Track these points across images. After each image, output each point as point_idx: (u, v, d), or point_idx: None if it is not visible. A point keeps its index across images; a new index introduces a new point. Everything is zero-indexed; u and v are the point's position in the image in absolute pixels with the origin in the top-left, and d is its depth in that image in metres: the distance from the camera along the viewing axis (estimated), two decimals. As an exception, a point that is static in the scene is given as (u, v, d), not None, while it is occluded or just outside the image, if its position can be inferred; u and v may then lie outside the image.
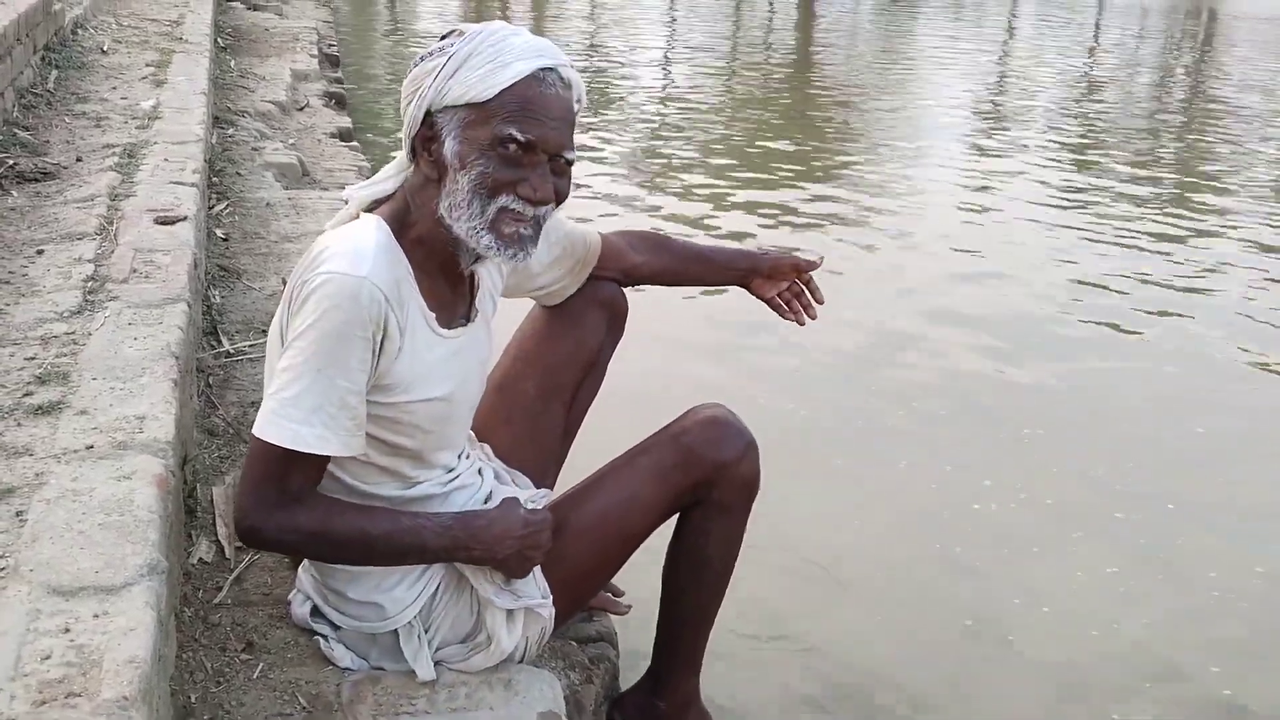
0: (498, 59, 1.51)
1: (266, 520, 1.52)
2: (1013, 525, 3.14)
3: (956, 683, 2.52)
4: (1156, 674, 2.59)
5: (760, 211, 6.09)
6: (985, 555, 2.99)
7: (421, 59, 1.58)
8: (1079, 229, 6.03)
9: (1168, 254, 5.68)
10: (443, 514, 1.66)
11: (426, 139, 1.57)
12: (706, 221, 5.88)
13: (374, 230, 1.56)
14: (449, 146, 1.54)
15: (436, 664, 1.73)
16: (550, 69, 1.54)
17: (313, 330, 1.47)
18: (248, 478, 1.53)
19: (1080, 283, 5.16)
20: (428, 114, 1.56)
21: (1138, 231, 6.05)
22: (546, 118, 1.53)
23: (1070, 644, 2.66)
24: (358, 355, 1.50)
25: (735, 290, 2.17)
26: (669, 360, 4.03)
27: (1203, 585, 2.92)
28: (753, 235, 5.66)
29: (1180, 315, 4.86)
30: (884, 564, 2.94)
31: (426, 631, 1.73)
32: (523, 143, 1.51)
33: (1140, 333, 4.65)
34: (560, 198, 1.59)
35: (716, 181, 6.72)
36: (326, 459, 1.55)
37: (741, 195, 6.44)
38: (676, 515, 1.92)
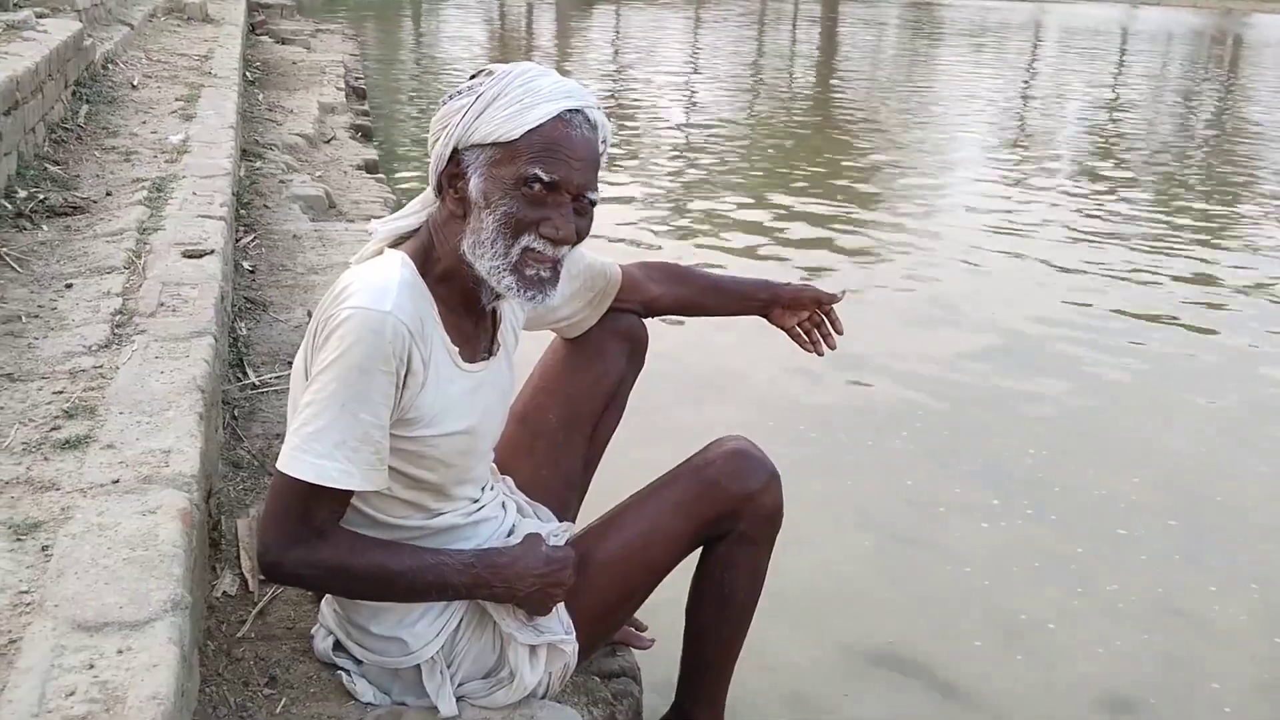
0: (525, 100, 1.52)
1: (287, 554, 1.53)
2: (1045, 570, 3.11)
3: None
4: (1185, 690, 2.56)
5: (782, 241, 6.09)
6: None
7: (450, 97, 1.59)
8: (1104, 259, 6.02)
9: (1196, 282, 5.66)
10: (464, 551, 1.66)
11: (452, 176, 1.58)
12: (728, 252, 5.88)
13: (398, 266, 1.57)
14: (474, 184, 1.55)
15: (459, 700, 1.72)
16: (577, 110, 1.55)
17: (336, 365, 1.48)
18: (270, 512, 1.54)
19: (1120, 311, 5.14)
20: (454, 151, 1.57)
21: (1167, 257, 6.02)
22: (571, 158, 1.53)
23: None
24: (381, 390, 1.50)
25: (757, 321, 2.17)
26: (690, 392, 4.03)
27: None
28: (773, 263, 5.66)
29: (1215, 338, 4.82)
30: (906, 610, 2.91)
31: (449, 667, 1.72)
32: (547, 182, 1.52)
33: (1163, 365, 4.61)
34: (581, 237, 1.60)
35: (738, 212, 6.73)
36: (350, 494, 1.55)
37: (763, 225, 6.43)
38: (700, 549, 1.91)
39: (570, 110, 1.54)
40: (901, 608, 2.85)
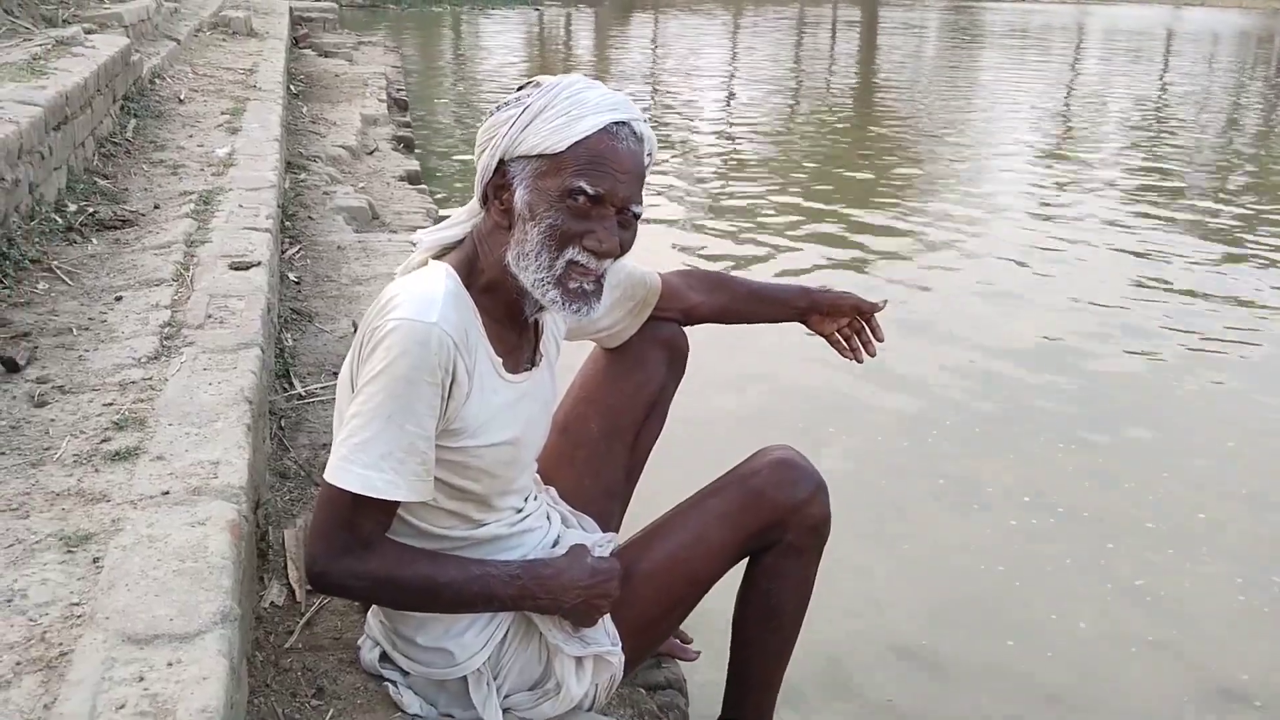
0: (572, 112, 1.52)
1: (334, 565, 1.53)
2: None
3: None
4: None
5: (823, 248, 6.05)
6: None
7: (498, 108, 1.59)
8: (1152, 262, 5.93)
9: (1242, 290, 5.56)
10: (510, 562, 1.66)
11: (498, 187, 1.59)
12: (769, 258, 5.86)
13: (443, 277, 1.57)
14: (520, 196, 1.55)
15: (506, 711, 1.72)
16: (623, 123, 1.55)
17: (382, 376, 1.48)
18: (317, 523, 1.54)
19: (1163, 313, 5.07)
20: (501, 163, 1.57)
21: (1212, 265, 5.93)
22: (617, 171, 1.53)
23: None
24: (426, 401, 1.50)
25: (798, 329, 2.15)
26: (732, 401, 4.01)
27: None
28: (814, 271, 5.63)
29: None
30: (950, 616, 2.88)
31: (495, 678, 1.72)
32: (592, 195, 1.52)
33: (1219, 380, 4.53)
34: (625, 250, 1.60)
35: (779, 215, 6.70)
36: (395, 505, 1.56)
37: (804, 231, 6.41)
38: (746, 560, 1.89)
39: (616, 123, 1.54)
40: (935, 607, 2.84)
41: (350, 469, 1.50)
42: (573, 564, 1.67)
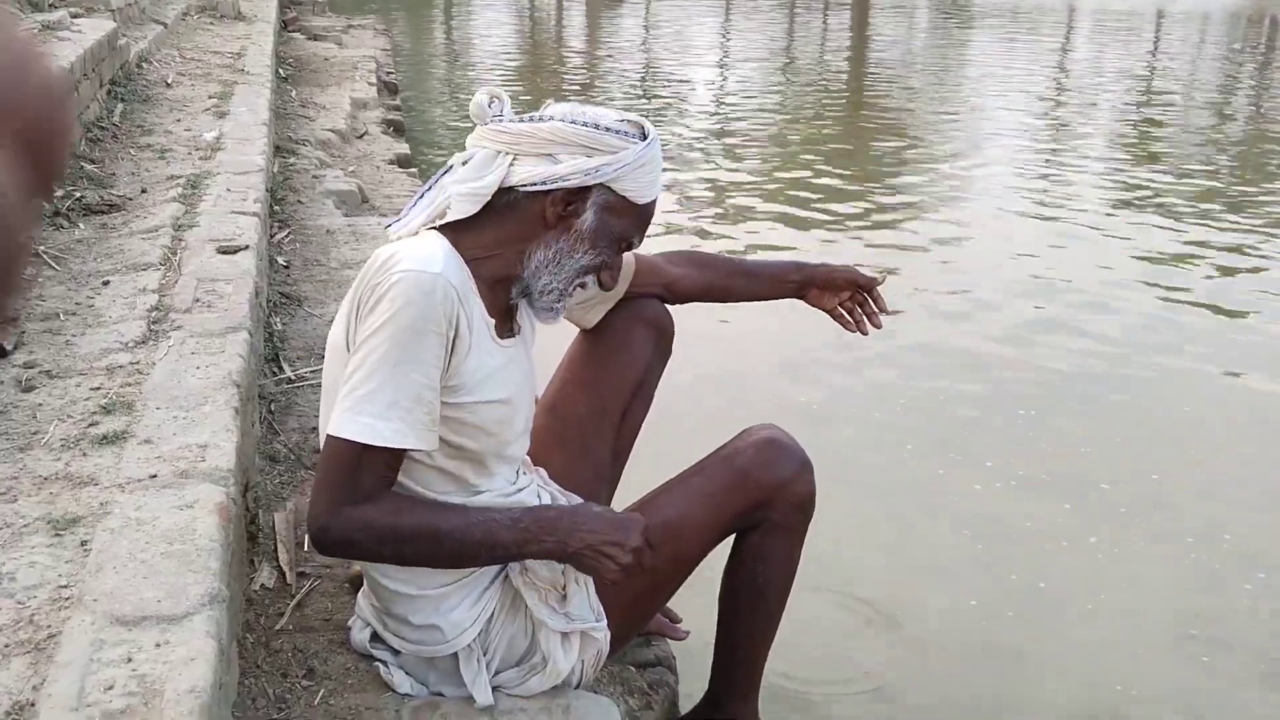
0: (654, 174, 1.66)
1: (336, 519, 1.52)
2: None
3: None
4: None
5: (817, 230, 6.05)
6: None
7: (608, 130, 1.62)
8: (1143, 243, 5.94)
9: (1233, 269, 5.58)
10: (514, 508, 1.66)
11: (572, 194, 1.62)
12: (758, 236, 5.87)
13: (439, 240, 1.60)
14: (590, 219, 1.63)
15: (495, 690, 1.73)
16: None
17: (388, 326, 1.49)
18: (321, 479, 1.54)
19: (1169, 300, 5.07)
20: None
21: (1202, 245, 5.94)
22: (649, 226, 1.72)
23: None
24: (432, 351, 1.52)
25: (788, 310, 2.15)
26: (719, 381, 4.01)
27: None
28: (805, 251, 5.63)
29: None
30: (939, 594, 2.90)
31: (485, 654, 1.73)
32: (633, 247, 1.73)
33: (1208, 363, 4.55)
34: None
35: (772, 196, 6.69)
36: (401, 456, 1.56)
37: (800, 206, 6.41)
38: (732, 538, 1.90)
39: None
40: (935, 582, 2.88)
41: (356, 419, 1.49)
42: (579, 510, 1.67)
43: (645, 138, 1.63)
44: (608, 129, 1.62)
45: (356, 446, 1.50)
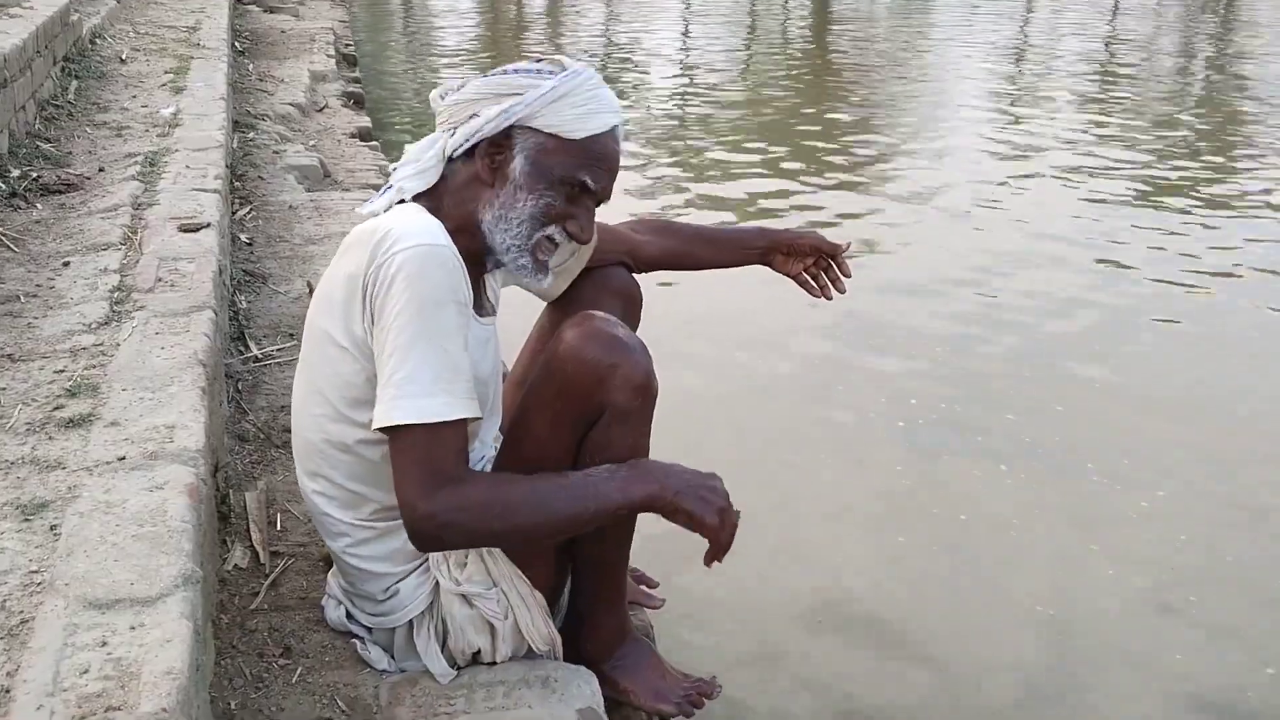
0: (590, 105, 1.60)
1: (436, 504, 1.47)
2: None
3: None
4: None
5: (782, 198, 6.04)
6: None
7: (515, 71, 1.62)
8: (1107, 205, 5.98)
9: (1204, 227, 5.63)
10: (599, 467, 1.61)
11: (496, 145, 1.61)
12: (728, 202, 5.86)
13: (425, 212, 1.58)
14: (519, 164, 1.60)
15: (457, 668, 1.75)
16: (619, 125, 1.65)
17: (410, 305, 1.47)
18: (399, 472, 1.49)
19: (1120, 264, 5.09)
20: (511, 126, 1.60)
21: (1169, 207, 5.99)
22: (611, 170, 1.65)
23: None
24: (455, 320, 1.51)
25: (753, 276, 2.15)
26: (689, 348, 4.01)
27: None
28: (776, 211, 5.64)
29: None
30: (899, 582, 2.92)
31: (438, 624, 1.74)
32: (591, 190, 1.63)
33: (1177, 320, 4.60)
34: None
35: (736, 170, 6.68)
36: (464, 428, 1.52)
37: (764, 174, 6.40)
38: None
39: (617, 124, 1.64)
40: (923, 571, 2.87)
41: (405, 404, 1.47)
42: (660, 462, 1.62)
43: (564, 71, 1.61)
44: (516, 71, 1.62)
45: (415, 430, 1.47)
